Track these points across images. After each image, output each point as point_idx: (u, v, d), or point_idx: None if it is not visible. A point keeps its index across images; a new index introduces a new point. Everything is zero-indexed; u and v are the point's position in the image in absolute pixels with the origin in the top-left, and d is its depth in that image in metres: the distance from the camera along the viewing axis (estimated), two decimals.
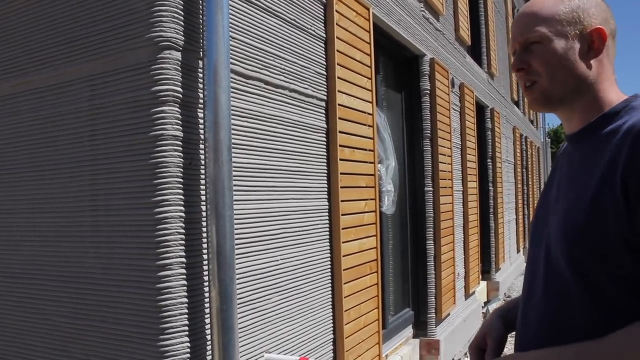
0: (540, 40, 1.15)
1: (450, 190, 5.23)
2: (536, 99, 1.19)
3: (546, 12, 1.16)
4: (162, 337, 1.83)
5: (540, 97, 1.18)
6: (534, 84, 1.18)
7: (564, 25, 1.14)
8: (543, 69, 1.16)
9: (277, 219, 2.44)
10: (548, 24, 1.15)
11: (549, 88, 1.16)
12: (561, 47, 1.14)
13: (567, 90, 1.16)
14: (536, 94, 1.18)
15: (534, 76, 1.17)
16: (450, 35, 5.88)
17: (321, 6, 2.94)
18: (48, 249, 2.12)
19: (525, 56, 1.18)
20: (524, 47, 1.18)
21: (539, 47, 1.16)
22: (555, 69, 1.15)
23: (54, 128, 2.09)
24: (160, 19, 1.86)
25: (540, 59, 1.16)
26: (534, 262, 1.23)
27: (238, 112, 2.20)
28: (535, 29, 1.16)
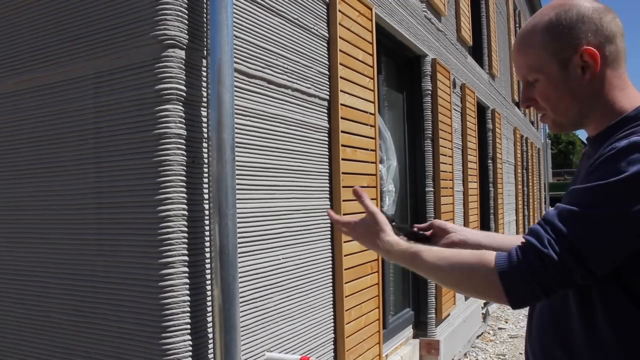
0: (535, 78, 1.19)
1: (451, 190, 5.24)
2: (550, 126, 1.26)
3: (531, 52, 1.17)
4: (164, 335, 1.83)
5: (553, 125, 1.24)
6: (545, 115, 1.23)
7: (553, 55, 1.14)
8: (545, 104, 1.19)
9: (279, 218, 2.44)
10: (535, 64, 1.17)
11: (556, 119, 1.21)
12: (555, 79, 1.15)
13: (574, 116, 1.19)
14: (549, 122, 1.24)
15: (541, 110, 1.22)
16: (452, 36, 5.88)
17: (324, 6, 2.94)
18: (51, 246, 2.12)
19: (529, 92, 1.22)
20: (525, 83, 1.23)
21: (537, 84, 1.19)
22: (555, 102, 1.18)
23: (59, 125, 2.09)
24: (165, 17, 1.86)
25: (541, 95, 1.19)
26: None
27: (241, 111, 2.20)
28: (527, 69, 1.19)
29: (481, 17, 7.91)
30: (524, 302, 1.06)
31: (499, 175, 8.15)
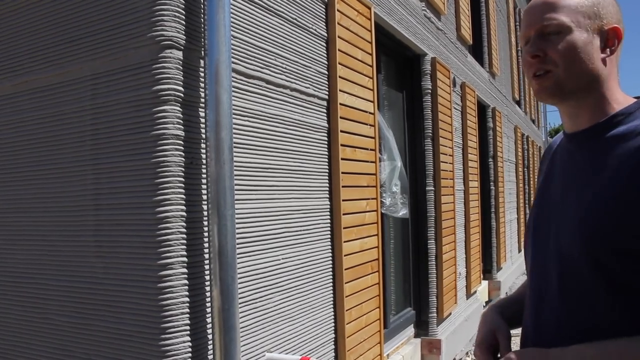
0: (560, 29, 1.12)
1: (451, 189, 5.23)
2: (547, 87, 1.15)
3: (569, 3, 1.13)
4: (163, 337, 1.83)
5: (553, 86, 1.15)
6: (547, 73, 1.14)
7: (584, 17, 1.12)
8: (560, 59, 1.12)
9: (278, 218, 2.44)
10: (569, 14, 1.12)
11: (563, 79, 1.13)
12: (581, 39, 1.12)
13: (581, 84, 1.13)
14: (548, 83, 1.15)
15: (549, 65, 1.13)
16: (451, 35, 5.87)
17: (322, 5, 2.94)
18: (50, 248, 2.12)
19: (541, 44, 1.14)
20: (540, 34, 1.15)
21: (558, 37, 1.13)
22: (572, 61, 1.12)
23: (57, 127, 2.09)
24: (162, 18, 1.86)
25: (559, 48, 1.12)
26: (540, 262, 1.22)
27: (239, 111, 2.20)
28: (556, 17, 1.13)
29: (481, 15, 7.90)
30: None
31: (500, 174, 8.14)
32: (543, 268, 1.21)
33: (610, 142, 1.10)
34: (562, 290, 1.14)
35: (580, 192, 1.12)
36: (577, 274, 1.10)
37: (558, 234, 1.16)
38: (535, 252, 1.25)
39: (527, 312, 1.26)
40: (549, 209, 1.22)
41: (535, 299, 1.23)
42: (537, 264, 1.24)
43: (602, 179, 1.08)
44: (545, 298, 1.19)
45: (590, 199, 1.09)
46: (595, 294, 1.08)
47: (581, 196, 1.11)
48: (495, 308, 1.38)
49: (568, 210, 1.14)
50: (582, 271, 1.09)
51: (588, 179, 1.11)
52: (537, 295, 1.22)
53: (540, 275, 1.22)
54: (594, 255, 1.06)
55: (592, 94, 1.14)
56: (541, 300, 1.20)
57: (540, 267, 1.22)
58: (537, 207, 1.29)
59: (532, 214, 1.31)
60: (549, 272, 1.18)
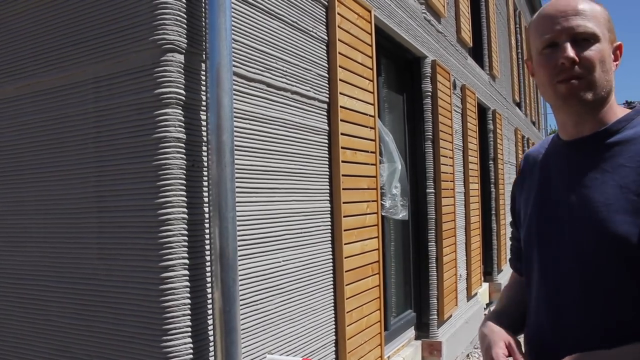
0: (592, 37, 1.15)
1: (452, 191, 5.24)
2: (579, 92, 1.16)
3: (596, 14, 1.17)
4: (165, 338, 1.84)
5: (585, 92, 1.16)
6: (580, 79, 1.15)
7: (606, 30, 1.18)
8: (595, 66, 1.15)
9: (279, 221, 2.45)
10: (598, 24, 1.16)
11: (594, 85, 1.16)
12: (607, 49, 1.17)
13: (604, 92, 1.17)
14: (581, 88, 1.15)
15: (582, 71, 1.15)
16: (451, 37, 5.89)
17: (323, 9, 2.95)
18: (52, 250, 2.14)
19: (575, 49, 1.15)
20: (573, 40, 1.16)
21: (589, 44, 1.15)
22: (601, 69, 1.16)
23: (60, 130, 2.10)
24: (164, 22, 1.87)
25: (597, 55, 1.15)
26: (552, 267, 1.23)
27: (240, 114, 2.21)
28: (589, 24, 1.15)
29: (481, 18, 7.91)
30: None
31: (500, 176, 8.15)
32: (557, 280, 1.21)
33: (619, 146, 1.16)
34: (586, 292, 1.15)
35: (594, 194, 1.15)
36: (602, 274, 1.12)
37: (574, 237, 1.18)
38: (545, 265, 1.26)
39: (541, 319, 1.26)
40: (556, 215, 1.23)
41: (549, 304, 1.24)
42: (549, 277, 1.24)
43: (618, 179, 1.12)
44: (564, 302, 1.20)
45: (609, 198, 1.12)
46: (625, 292, 1.10)
47: (596, 198, 1.14)
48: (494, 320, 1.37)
49: (582, 212, 1.17)
50: (609, 271, 1.11)
51: (600, 181, 1.15)
52: (552, 302, 1.23)
53: (553, 281, 1.23)
54: (624, 252, 1.09)
55: (606, 103, 1.19)
56: (558, 305, 1.21)
57: (554, 279, 1.23)
58: (537, 219, 1.30)
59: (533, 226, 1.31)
60: (566, 276, 1.19)
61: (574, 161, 1.22)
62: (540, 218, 1.29)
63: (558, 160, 1.28)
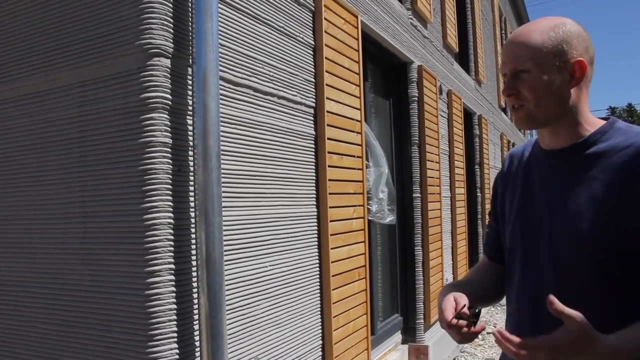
0: (529, 69, 1.25)
1: (438, 196, 5.26)
2: (522, 119, 1.30)
3: (534, 44, 1.25)
4: (150, 344, 1.83)
5: (527, 118, 1.29)
6: (522, 107, 1.28)
7: (549, 57, 1.24)
8: (530, 96, 1.26)
9: (265, 226, 2.45)
10: (535, 56, 1.24)
11: (534, 112, 1.27)
12: (546, 77, 1.24)
13: (551, 115, 1.27)
14: (522, 115, 1.29)
15: (522, 101, 1.27)
16: (438, 43, 5.92)
17: (310, 14, 2.96)
18: (36, 256, 2.11)
19: (514, 83, 1.27)
20: (513, 73, 1.28)
21: (527, 76, 1.25)
22: (541, 97, 1.25)
23: (44, 134, 2.08)
24: (150, 26, 1.87)
25: (528, 86, 1.25)
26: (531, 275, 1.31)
27: (227, 119, 2.21)
28: (524, 59, 1.25)
29: (467, 24, 7.98)
30: None
31: (487, 181, 8.21)
32: (535, 280, 1.30)
33: (592, 158, 1.25)
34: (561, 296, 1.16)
35: (569, 204, 1.25)
36: (577, 280, 1.21)
37: (552, 244, 1.27)
38: (525, 262, 1.34)
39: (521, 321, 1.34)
40: (538, 219, 1.32)
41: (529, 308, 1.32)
42: (530, 278, 1.33)
43: (589, 191, 1.22)
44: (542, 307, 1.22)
45: (583, 208, 1.21)
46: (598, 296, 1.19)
47: (573, 207, 1.24)
48: (449, 287, 1.45)
49: (560, 220, 1.26)
50: (584, 277, 1.20)
51: (575, 192, 1.24)
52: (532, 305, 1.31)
53: (532, 287, 1.31)
54: (597, 257, 1.18)
55: (566, 120, 1.28)
56: (537, 309, 1.28)
57: (533, 276, 1.32)
58: (522, 217, 1.38)
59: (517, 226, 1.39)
60: (544, 281, 1.28)
61: (553, 170, 1.32)
62: (524, 222, 1.37)
63: (540, 167, 1.36)
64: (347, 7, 3.34)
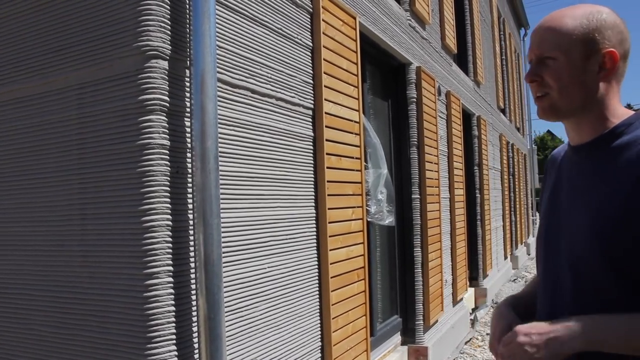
0: (555, 56, 1.21)
1: (437, 197, 5.26)
2: (544, 109, 1.26)
3: (563, 30, 1.21)
4: (149, 346, 1.83)
5: (549, 108, 1.25)
6: (545, 95, 1.24)
7: (578, 45, 1.20)
8: (555, 84, 1.22)
9: (264, 227, 2.45)
10: (563, 42, 1.20)
11: (558, 102, 1.23)
12: (574, 65, 1.20)
13: (575, 106, 1.22)
14: (546, 105, 1.25)
15: (546, 88, 1.23)
16: (436, 44, 5.93)
17: (307, 15, 2.96)
18: (35, 258, 2.11)
19: (539, 69, 1.24)
20: (539, 59, 1.24)
21: (553, 63, 1.21)
22: (565, 85, 1.21)
23: (42, 137, 2.09)
24: (148, 28, 1.87)
25: (554, 74, 1.21)
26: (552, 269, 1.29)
27: (225, 120, 2.21)
28: (552, 45, 1.21)
29: (465, 25, 7.98)
30: None
31: (485, 182, 8.21)
32: (555, 275, 1.28)
33: (615, 152, 1.19)
34: (577, 293, 1.20)
35: (589, 199, 1.20)
36: (591, 277, 1.18)
37: (569, 239, 1.24)
38: (547, 259, 1.33)
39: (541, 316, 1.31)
40: (559, 217, 1.30)
41: (548, 303, 1.30)
42: (548, 271, 1.31)
43: (610, 185, 1.16)
44: (559, 303, 1.26)
45: (599, 204, 1.17)
46: (610, 293, 1.15)
47: (590, 203, 1.20)
48: (509, 304, 1.43)
49: (577, 216, 1.22)
50: (596, 274, 1.16)
51: (596, 186, 1.20)
52: (550, 301, 1.29)
53: (552, 282, 1.29)
54: (608, 254, 1.13)
55: (591, 111, 1.23)
56: (555, 306, 1.27)
57: (552, 273, 1.30)
58: (546, 216, 1.37)
59: (542, 222, 1.38)
60: (562, 278, 1.25)
61: (578, 166, 1.28)
62: (549, 217, 1.35)
63: (568, 165, 1.33)
64: (345, 9, 3.35)
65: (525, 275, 10.69)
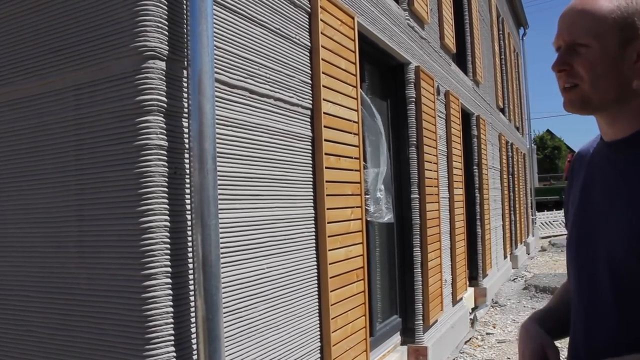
0: (588, 43, 1.08)
1: (436, 197, 5.26)
2: (573, 102, 1.13)
3: (599, 14, 1.07)
4: (147, 347, 1.83)
5: (579, 101, 1.12)
6: (575, 87, 1.11)
7: (614, 30, 1.07)
8: (587, 75, 1.09)
9: (263, 228, 2.44)
10: (597, 27, 1.07)
11: (589, 94, 1.10)
12: (609, 54, 1.07)
13: (609, 98, 1.10)
14: (575, 97, 1.12)
15: (575, 79, 1.10)
16: (435, 44, 5.93)
17: (306, 15, 2.96)
18: (33, 259, 2.11)
19: (568, 57, 1.10)
20: (569, 46, 1.11)
21: (586, 51, 1.08)
22: (599, 76, 1.08)
23: (40, 138, 2.08)
24: (145, 28, 1.87)
25: (586, 63, 1.08)
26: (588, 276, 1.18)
27: (223, 121, 2.21)
28: (584, 31, 1.08)
29: (464, 24, 7.98)
30: None
31: (485, 181, 8.21)
32: (592, 282, 1.16)
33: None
34: (617, 304, 1.10)
35: (630, 200, 1.09)
36: (634, 286, 1.07)
37: (608, 245, 1.12)
38: (581, 266, 1.21)
39: (576, 327, 1.22)
40: (594, 218, 1.18)
41: (584, 314, 1.19)
42: (583, 278, 1.20)
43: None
44: (596, 312, 1.15)
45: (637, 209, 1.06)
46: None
47: (632, 204, 1.08)
48: (536, 320, 1.33)
49: (618, 219, 1.10)
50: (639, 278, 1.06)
51: (632, 189, 1.08)
52: (587, 311, 1.18)
53: (588, 290, 1.18)
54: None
55: (628, 104, 1.10)
56: (592, 316, 1.17)
57: (589, 281, 1.18)
58: (579, 218, 1.25)
59: (575, 224, 1.26)
60: (599, 286, 1.14)
61: (613, 163, 1.15)
62: (582, 218, 1.23)
63: (601, 161, 1.21)
64: (344, 9, 3.34)
65: (525, 275, 10.68)
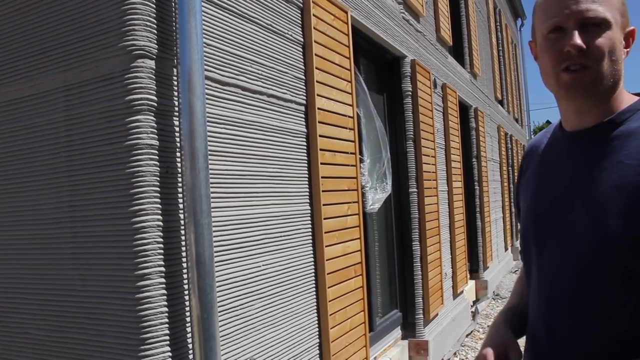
0: (602, 23, 1.06)
1: (435, 190, 5.25)
2: (586, 84, 1.08)
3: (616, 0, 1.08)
4: (142, 347, 1.82)
5: (591, 83, 1.08)
6: (585, 69, 1.07)
7: (619, 15, 1.08)
8: (605, 56, 1.06)
9: (257, 225, 2.43)
10: (610, 8, 1.07)
11: (602, 76, 1.07)
12: (617, 37, 1.08)
13: (611, 82, 1.09)
14: (587, 79, 1.07)
15: (589, 60, 1.06)
16: (431, 36, 5.90)
17: (298, 10, 2.94)
18: (26, 261, 2.10)
19: (583, 36, 1.06)
20: (582, 25, 1.07)
21: (600, 31, 1.06)
22: (612, 58, 1.07)
23: (30, 139, 2.07)
24: (133, 27, 1.85)
25: (607, 43, 1.06)
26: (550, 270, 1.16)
27: (215, 119, 2.19)
28: (602, 9, 1.06)
29: (461, 16, 7.94)
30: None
31: (484, 174, 8.19)
32: (554, 276, 1.14)
33: (620, 140, 1.07)
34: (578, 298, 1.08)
35: (591, 194, 1.07)
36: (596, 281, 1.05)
37: (568, 241, 1.10)
38: (541, 256, 1.19)
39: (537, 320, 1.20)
40: (554, 211, 1.16)
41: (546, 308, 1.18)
42: (545, 272, 1.18)
43: (615, 178, 1.04)
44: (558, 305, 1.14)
45: (604, 200, 1.04)
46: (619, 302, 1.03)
47: (592, 198, 1.06)
48: (505, 320, 1.33)
49: (582, 210, 1.08)
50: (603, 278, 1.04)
51: (598, 179, 1.06)
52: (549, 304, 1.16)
53: (551, 284, 1.16)
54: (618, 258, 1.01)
55: (613, 93, 1.11)
56: (553, 307, 1.15)
57: (551, 274, 1.16)
58: (535, 211, 1.22)
59: (530, 217, 1.24)
60: (563, 279, 1.12)
61: (574, 155, 1.14)
62: (538, 212, 1.21)
63: (558, 153, 1.20)
64: (336, 3, 3.32)
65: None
